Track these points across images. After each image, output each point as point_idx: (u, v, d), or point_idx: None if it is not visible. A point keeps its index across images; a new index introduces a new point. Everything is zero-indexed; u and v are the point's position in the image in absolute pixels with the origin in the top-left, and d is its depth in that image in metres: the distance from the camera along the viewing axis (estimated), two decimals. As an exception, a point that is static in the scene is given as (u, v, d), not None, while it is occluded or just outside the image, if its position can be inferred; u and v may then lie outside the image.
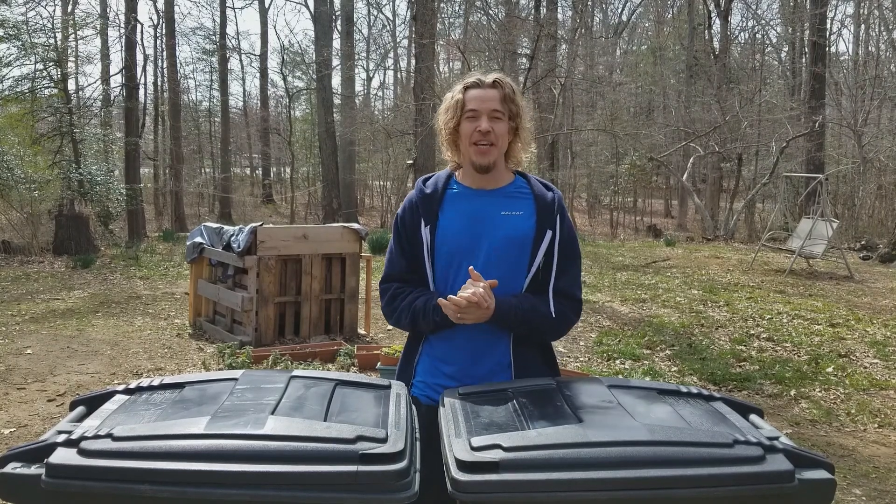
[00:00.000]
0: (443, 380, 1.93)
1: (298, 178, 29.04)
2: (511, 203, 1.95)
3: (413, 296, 1.95)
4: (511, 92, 1.94)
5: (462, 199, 1.97)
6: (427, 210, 1.96)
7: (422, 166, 14.10)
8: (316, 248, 6.72)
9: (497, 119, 1.91)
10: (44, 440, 1.35)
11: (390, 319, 2.03)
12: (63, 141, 16.16)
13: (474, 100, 1.92)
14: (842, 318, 7.93)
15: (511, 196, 1.97)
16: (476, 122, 1.91)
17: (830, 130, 21.13)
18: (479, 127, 1.90)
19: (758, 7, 27.62)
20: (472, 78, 1.96)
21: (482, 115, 1.90)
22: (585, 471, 1.27)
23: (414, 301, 1.94)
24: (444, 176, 2.03)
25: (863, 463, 4.10)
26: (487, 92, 1.92)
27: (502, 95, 1.92)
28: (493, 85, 1.93)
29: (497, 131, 1.91)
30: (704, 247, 15.75)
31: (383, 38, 34.93)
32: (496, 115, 1.91)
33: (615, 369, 5.95)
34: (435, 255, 1.94)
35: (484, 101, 1.91)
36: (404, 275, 2.00)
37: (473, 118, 1.92)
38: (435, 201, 1.97)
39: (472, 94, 1.93)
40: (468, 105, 1.92)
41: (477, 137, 1.90)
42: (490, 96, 1.92)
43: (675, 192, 26.74)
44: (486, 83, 1.94)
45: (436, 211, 1.96)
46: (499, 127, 1.91)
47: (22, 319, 7.57)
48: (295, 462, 1.26)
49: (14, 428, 4.42)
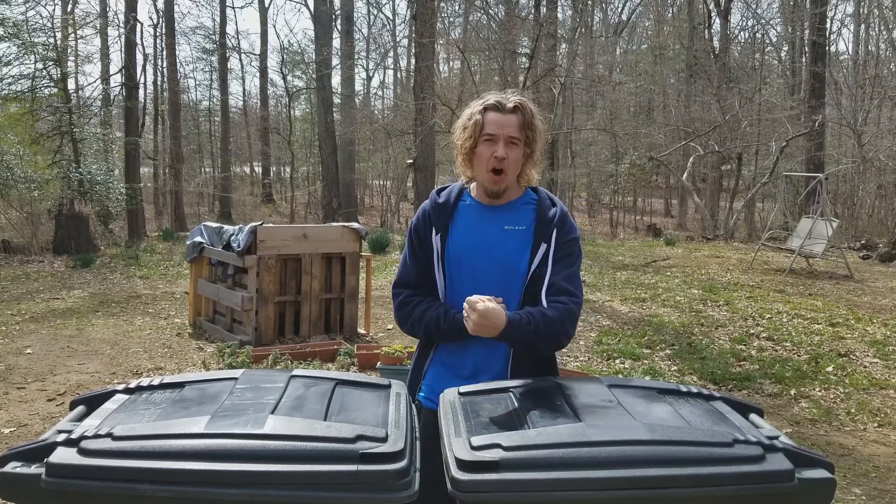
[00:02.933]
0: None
1: (298, 178, 29.05)
2: (515, 218, 1.99)
3: (423, 307, 1.99)
4: (531, 117, 1.94)
5: (472, 211, 2.02)
6: (439, 220, 2.01)
7: (421, 166, 14.11)
8: (316, 248, 6.72)
9: (513, 145, 1.92)
10: (44, 439, 1.35)
11: (402, 326, 2.07)
12: (63, 140, 16.16)
13: (493, 123, 1.92)
14: (842, 318, 7.93)
15: (516, 211, 2.00)
16: (493, 147, 1.91)
17: (830, 130, 21.13)
18: (496, 153, 1.91)
19: (758, 6, 27.62)
20: (493, 99, 1.95)
21: (499, 140, 1.91)
22: (585, 470, 1.27)
23: (424, 313, 1.97)
24: (457, 188, 2.07)
25: (863, 462, 4.10)
26: (507, 118, 1.92)
27: (521, 122, 1.92)
28: (514, 110, 1.93)
29: (511, 158, 1.92)
30: (704, 246, 15.76)
31: (383, 37, 34.95)
32: (513, 141, 1.92)
33: (615, 369, 5.95)
34: (445, 263, 1.98)
35: (502, 127, 1.91)
36: (415, 281, 2.04)
37: (490, 142, 1.92)
38: (447, 212, 2.01)
39: (492, 118, 1.93)
40: (486, 128, 1.92)
41: (493, 164, 1.92)
42: (509, 122, 1.92)
43: (674, 192, 26.75)
44: (506, 108, 1.93)
45: (447, 221, 2.00)
46: (514, 153, 1.93)
47: (22, 319, 7.57)
48: (295, 461, 1.26)
49: (14, 427, 4.42)
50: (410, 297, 2.03)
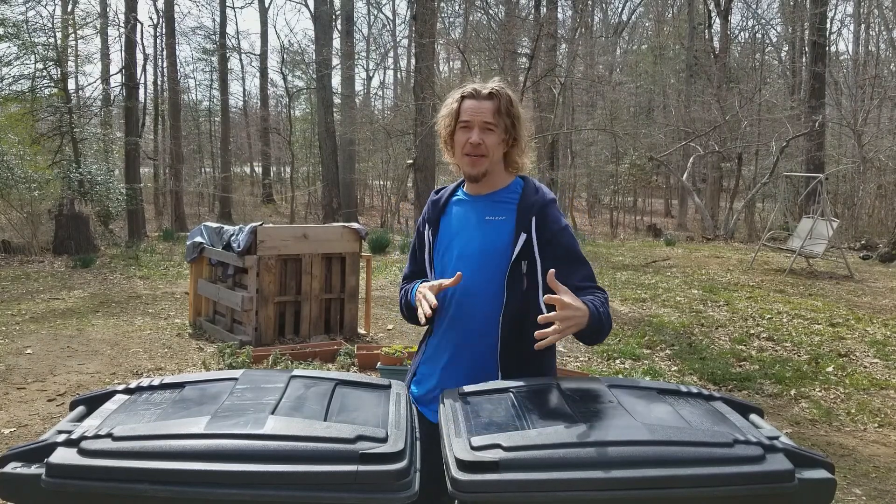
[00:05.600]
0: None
1: (298, 178, 29.08)
2: (496, 208, 1.98)
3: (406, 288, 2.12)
4: (507, 104, 1.94)
5: (459, 205, 2.06)
6: (432, 215, 2.09)
7: (422, 166, 14.11)
8: (316, 248, 6.72)
9: (489, 131, 1.93)
10: (44, 440, 1.34)
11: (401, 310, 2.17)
12: (63, 140, 16.18)
13: (468, 111, 1.94)
14: (842, 318, 7.93)
15: (498, 201, 1.99)
16: (468, 134, 1.94)
17: (830, 130, 21.14)
18: (470, 139, 1.93)
19: (758, 6, 27.66)
20: (470, 87, 1.97)
21: (474, 126, 1.93)
22: (585, 470, 1.27)
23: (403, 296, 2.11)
24: (453, 185, 2.13)
25: (863, 462, 4.10)
26: (482, 104, 1.93)
27: (496, 108, 1.93)
28: (489, 96, 1.94)
29: (488, 143, 1.93)
30: (704, 246, 15.76)
31: (383, 37, 35.00)
32: (488, 126, 1.93)
33: (615, 369, 5.95)
34: (434, 256, 2.05)
35: (477, 113, 1.93)
36: (411, 276, 2.17)
37: (466, 128, 1.95)
38: (439, 207, 2.09)
39: (467, 105, 1.95)
40: (462, 115, 1.95)
41: (468, 149, 1.94)
42: (484, 108, 1.93)
43: (675, 192, 26.76)
44: (481, 94, 1.94)
45: (438, 216, 2.07)
46: (490, 139, 1.93)
47: (22, 319, 7.57)
48: (295, 462, 1.26)
49: (14, 428, 4.42)
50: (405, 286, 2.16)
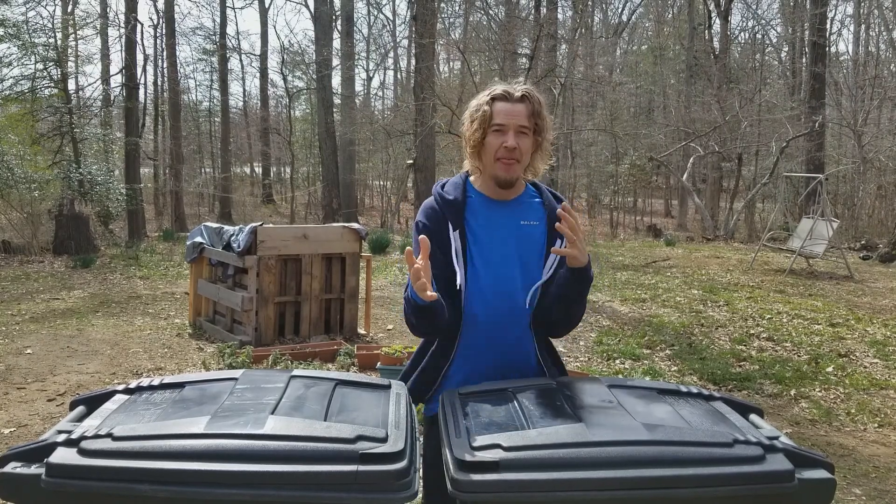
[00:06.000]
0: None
1: (298, 178, 29.07)
2: (528, 213, 1.97)
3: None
4: (539, 106, 1.91)
5: (483, 207, 1.97)
6: (453, 214, 1.94)
7: (422, 166, 14.12)
8: (316, 248, 6.72)
9: (523, 135, 1.89)
10: (44, 440, 1.35)
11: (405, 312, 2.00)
12: (63, 141, 16.18)
13: (501, 113, 1.88)
14: (842, 318, 7.93)
15: (527, 206, 1.99)
16: (503, 138, 1.88)
17: (830, 130, 21.13)
18: (506, 143, 1.87)
19: (758, 7, 27.66)
20: (500, 89, 1.92)
21: (509, 130, 1.87)
22: (585, 470, 1.27)
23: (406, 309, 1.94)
24: (459, 181, 2.02)
25: (863, 462, 4.10)
26: (515, 107, 1.89)
27: (530, 111, 1.89)
28: (522, 99, 1.90)
29: (522, 147, 1.89)
30: (704, 247, 15.75)
31: (383, 38, 34.98)
32: (523, 130, 1.88)
33: (615, 369, 5.94)
34: (467, 258, 1.93)
35: (511, 116, 1.88)
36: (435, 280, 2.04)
37: (500, 132, 1.88)
38: (458, 207, 1.95)
39: (500, 108, 1.89)
40: (495, 118, 1.89)
41: (503, 154, 1.88)
42: (518, 111, 1.88)
43: (675, 192, 26.75)
44: (514, 97, 1.90)
45: (461, 215, 1.95)
46: (524, 143, 1.89)
47: (22, 319, 7.57)
48: (295, 462, 1.26)
49: (14, 428, 4.42)
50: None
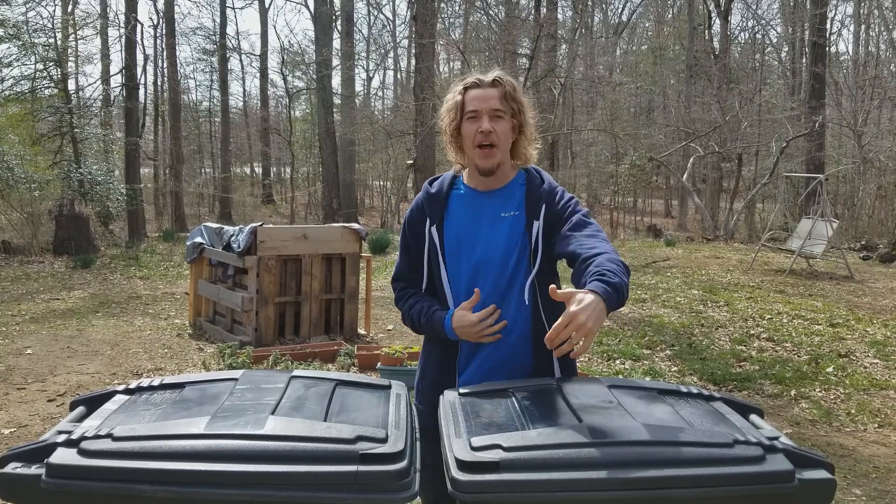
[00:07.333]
0: None
1: (298, 178, 29.08)
2: (508, 203, 1.94)
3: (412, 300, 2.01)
4: (511, 89, 1.90)
5: (466, 200, 1.97)
6: (433, 210, 1.97)
7: (422, 166, 14.12)
8: (316, 248, 6.72)
9: (499, 118, 1.88)
10: (44, 440, 1.34)
11: (404, 320, 2.07)
12: (63, 141, 16.18)
13: (474, 100, 1.89)
14: (842, 318, 7.93)
15: (509, 196, 1.96)
16: (477, 123, 1.88)
17: (830, 130, 21.13)
18: (481, 127, 1.87)
19: (758, 7, 27.66)
20: (472, 78, 1.93)
21: (483, 115, 1.88)
22: (585, 471, 1.27)
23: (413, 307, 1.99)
24: (449, 177, 2.03)
25: (863, 463, 4.10)
26: (487, 91, 1.89)
27: (502, 93, 1.89)
28: (493, 83, 1.90)
29: (499, 131, 1.88)
30: (704, 247, 15.75)
31: (383, 38, 35.00)
32: (497, 114, 1.88)
33: (615, 369, 5.94)
34: (445, 254, 1.95)
35: (484, 101, 1.88)
36: (409, 274, 2.06)
37: (474, 119, 1.89)
38: (440, 202, 1.97)
39: (472, 95, 1.90)
40: (468, 106, 1.90)
41: (479, 139, 1.88)
42: (490, 95, 1.89)
43: (675, 192, 26.75)
44: (485, 82, 1.90)
45: (441, 211, 1.96)
46: (500, 126, 1.89)
47: (22, 319, 7.57)
48: (295, 462, 1.26)
49: (14, 428, 4.42)
50: (405, 289, 2.05)
